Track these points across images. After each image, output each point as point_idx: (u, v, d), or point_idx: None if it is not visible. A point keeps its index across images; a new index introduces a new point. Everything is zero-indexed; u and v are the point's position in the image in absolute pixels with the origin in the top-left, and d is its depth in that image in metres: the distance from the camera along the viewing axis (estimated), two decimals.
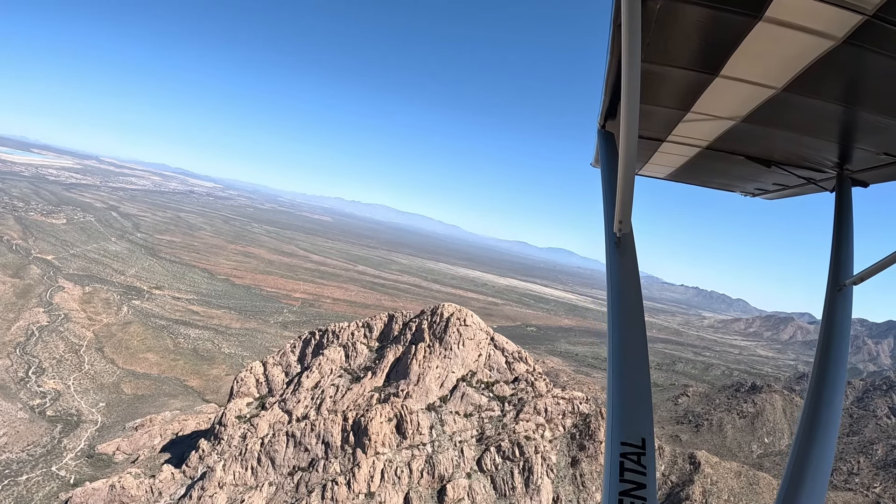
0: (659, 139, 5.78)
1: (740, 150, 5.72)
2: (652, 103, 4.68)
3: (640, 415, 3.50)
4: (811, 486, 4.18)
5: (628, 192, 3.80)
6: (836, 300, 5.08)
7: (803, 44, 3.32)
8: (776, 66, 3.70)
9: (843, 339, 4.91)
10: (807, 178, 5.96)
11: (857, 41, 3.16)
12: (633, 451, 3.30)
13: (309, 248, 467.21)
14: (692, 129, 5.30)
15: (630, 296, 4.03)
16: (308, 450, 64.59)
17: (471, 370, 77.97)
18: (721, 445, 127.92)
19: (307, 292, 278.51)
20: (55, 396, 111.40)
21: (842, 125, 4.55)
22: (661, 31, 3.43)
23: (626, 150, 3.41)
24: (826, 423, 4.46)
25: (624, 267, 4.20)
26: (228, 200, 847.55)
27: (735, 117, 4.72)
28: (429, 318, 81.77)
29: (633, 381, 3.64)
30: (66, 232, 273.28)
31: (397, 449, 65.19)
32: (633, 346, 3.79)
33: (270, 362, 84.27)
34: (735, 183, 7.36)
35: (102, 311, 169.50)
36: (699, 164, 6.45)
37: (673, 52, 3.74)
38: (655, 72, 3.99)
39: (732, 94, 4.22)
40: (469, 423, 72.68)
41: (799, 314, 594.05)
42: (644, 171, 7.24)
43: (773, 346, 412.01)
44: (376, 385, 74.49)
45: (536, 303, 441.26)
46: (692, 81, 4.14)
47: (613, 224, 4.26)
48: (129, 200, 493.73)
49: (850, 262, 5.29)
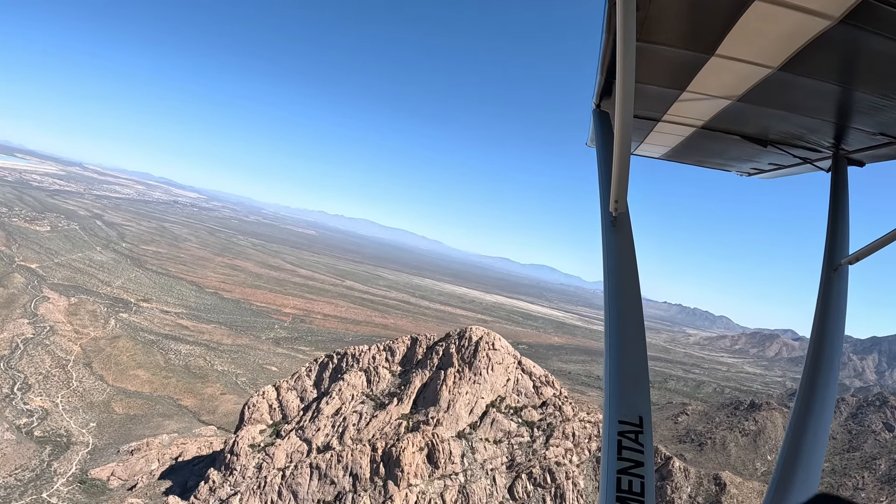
0: (654, 118, 5.66)
1: (736, 129, 5.67)
2: (647, 82, 4.56)
3: (638, 393, 3.49)
4: (807, 462, 4.23)
5: (624, 170, 3.78)
6: (832, 280, 5.05)
7: (799, 23, 3.31)
8: (772, 45, 3.66)
9: (839, 319, 4.88)
10: (803, 158, 5.90)
11: (854, 21, 3.15)
12: (630, 430, 3.30)
13: (296, 262, 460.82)
14: (688, 109, 5.21)
15: (627, 275, 4.01)
16: (334, 482, 59.98)
17: (499, 395, 74.36)
18: (726, 464, 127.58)
19: (297, 307, 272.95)
20: (43, 415, 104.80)
21: (838, 105, 4.49)
22: (657, 10, 3.39)
23: (622, 129, 3.40)
24: (821, 403, 4.48)
25: (620, 246, 4.18)
26: (213, 212, 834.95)
27: (731, 97, 4.66)
28: (456, 341, 77.93)
29: (630, 359, 3.62)
30: (50, 240, 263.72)
31: (429, 479, 61.16)
32: (629, 326, 3.76)
33: (284, 387, 79.25)
34: (731, 163, 7.21)
35: (89, 324, 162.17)
36: (695, 144, 6.35)
37: (668, 31, 3.71)
38: (651, 50, 3.90)
39: (728, 73, 4.18)
40: (499, 450, 69.08)
41: (783, 331, 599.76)
42: (639, 150, 7.07)
43: (760, 363, 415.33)
44: (403, 412, 70.16)
45: (525, 320, 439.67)
46: (688, 60, 4.08)
47: (609, 203, 4.21)
48: (114, 209, 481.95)
49: (846, 242, 5.27)
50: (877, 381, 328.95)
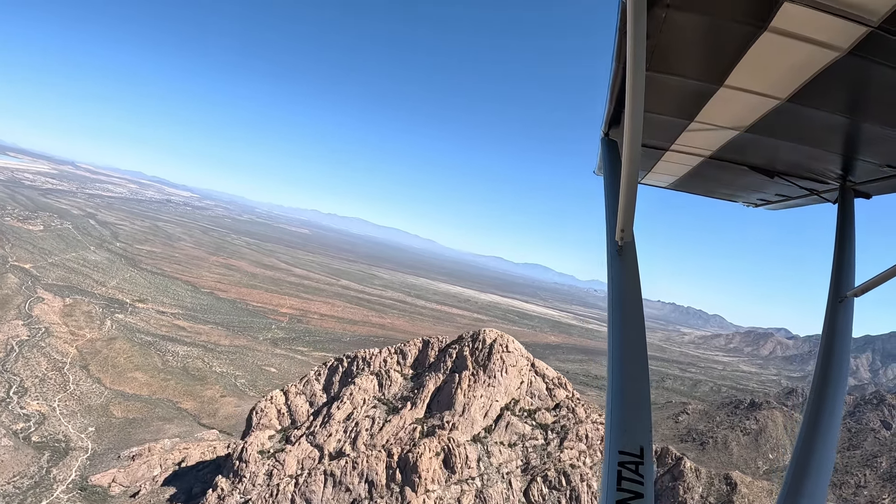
0: (662, 148, 5.65)
1: (744, 160, 5.66)
2: (656, 112, 4.56)
3: (639, 423, 3.46)
4: (811, 493, 4.18)
5: (631, 200, 3.80)
6: (838, 312, 5.05)
7: (808, 55, 3.32)
8: (781, 76, 3.66)
9: (844, 351, 4.90)
10: (810, 190, 5.91)
11: (862, 52, 3.16)
12: (631, 461, 3.27)
13: (290, 262, 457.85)
14: (696, 139, 5.22)
15: (631, 304, 4.00)
16: (350, 489, 58.18)
17: (513, 398, 72.86)
18: (728, 462, 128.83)
19: (294, 307, 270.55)
20: (40, 420, 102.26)
21: (845, 136, 4.51)
22: (667, 40, 3.39)
23: (630, 159, 3.42)
24: (825, 435, 4.47)
25: (625, 276, 4.17)
26: (206, 210, 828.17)
27: (739, 127, 4.68)
28: (470, 344, 76.24)
29: (633, 389, 3.61)
30: (43, 239, 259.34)
31: (446, 485, 59.55)
32: (633, 355, 3.76)
33: (293, 391, 77.17)
34: (738, 193, 7.19)
35: (85, 326, 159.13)
36: (702, 174, 6.31)
37: (678, 61, 3.73)
38: (660, 80, 3.91)
39: (737, 103, 4.17)
40: (514, 454, 67.71)
41: (776, 329, 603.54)
42: (647, 179, 7.03)
43: (755, 362, 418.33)
44: (417, 416, 68.47)
45: (521, 319, 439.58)
46: (697, 90, 4.09)
47: (615, 232, 4.23)
48: (107, 208, 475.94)
49: (852, 274, 5.25)
50: (871, 379, 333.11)
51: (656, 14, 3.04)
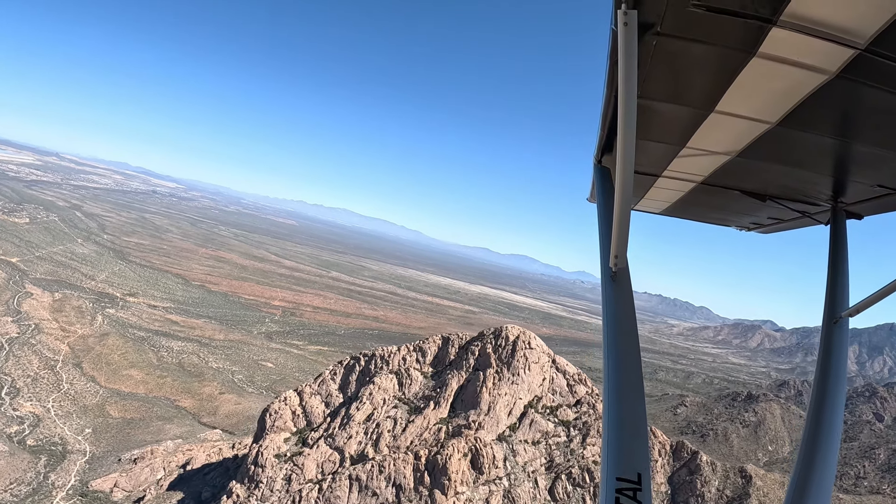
0: (654, 174, 5.70)
1: (735, 184, 5.70)
2: (648, 139, 4.62)
3: (636, 449, 3.44)
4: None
5: (624, 226, 3.85)
6: (833, 332, 5.07)
7: (797, 79, 3.36)
8: (770, 101, 3.72)
9: (841, 371, 4.91)
10: (802, 212, 5.95)
11: (851, 75, 3.20)
12: (628, 487, 3.25)
13: (279, 253, 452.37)
14: (688, 165, 5.25)
15: (626, 329, 4.02)
16: (377, 494, 55.56)
17: (536, 395, 70.75)
18: (729, 454, 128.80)
19: (286, 300, 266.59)
20: (34, 422, 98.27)
21: (836, 158, 4.55)
22: (657, 67, 3.44)
23: (623, 185, 3.45)
24: (824, 454, 4.44)
25: (620, 301, 4.19)
26: (192, 202, 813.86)
27: (730, 152, 4.72)
28: (492, 341, 73.77)
29: (629, 414, 3.60)
30: (29, 232, 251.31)
31: (474, 486, 57.39)
32: (628, 381, 3.75)
33: (307, 391, 74.00)
34: (730, 217, 7.25)
35: (76, 321, 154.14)
36: (694, 199, 6.36)
37: (669, 88, 3.77)
38: (652, 107, 3.98)
39: (728, 129, 4.22)
40: (538, 452, 65.82)
41: (762, 321, 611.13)
42: (640, 206, 7.07)
43: (743, 354, 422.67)
44: (441, 416, 66.04)
45: (511, 311, 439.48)
46: (688, 117, 4.13)
47: (609, 259, 4.25)
48: (92, 199, 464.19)
49: (846, 295, 5.26)
50: (858, 371, 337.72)
51: (647, 42, 3.06)
